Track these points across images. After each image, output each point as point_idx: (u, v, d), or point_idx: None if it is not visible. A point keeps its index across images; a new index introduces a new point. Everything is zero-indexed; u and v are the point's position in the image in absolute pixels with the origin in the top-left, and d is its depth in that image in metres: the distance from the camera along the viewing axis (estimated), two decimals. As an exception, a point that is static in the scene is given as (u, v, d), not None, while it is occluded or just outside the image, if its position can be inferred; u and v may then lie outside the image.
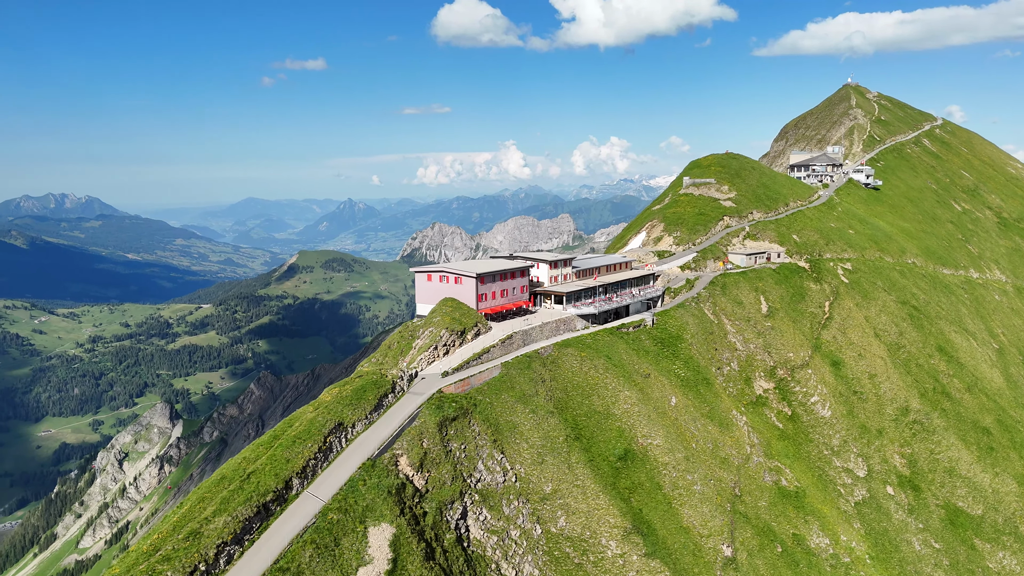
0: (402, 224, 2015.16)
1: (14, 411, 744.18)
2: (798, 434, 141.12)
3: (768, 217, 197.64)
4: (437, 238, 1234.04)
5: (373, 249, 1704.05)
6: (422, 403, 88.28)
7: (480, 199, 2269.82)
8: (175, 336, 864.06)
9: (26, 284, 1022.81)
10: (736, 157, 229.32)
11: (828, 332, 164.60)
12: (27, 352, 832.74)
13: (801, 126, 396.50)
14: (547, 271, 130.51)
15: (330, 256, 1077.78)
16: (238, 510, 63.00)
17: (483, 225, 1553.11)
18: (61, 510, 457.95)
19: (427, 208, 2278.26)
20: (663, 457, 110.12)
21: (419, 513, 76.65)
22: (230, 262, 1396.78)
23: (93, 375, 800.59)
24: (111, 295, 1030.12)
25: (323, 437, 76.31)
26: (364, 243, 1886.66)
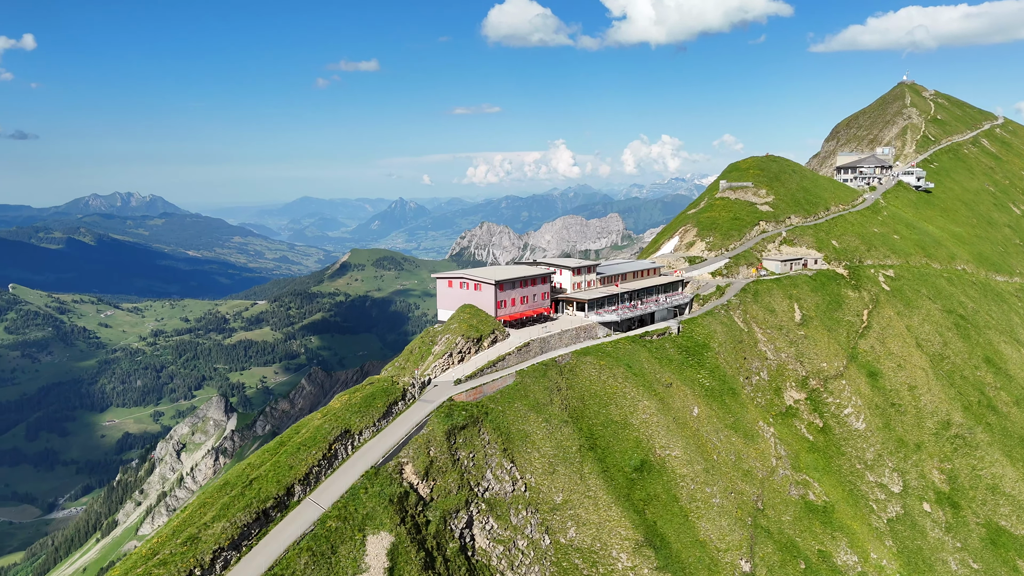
0: (451, 223, 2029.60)
1: (80, 401, 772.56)
2: (829, 447, 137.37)
3: (807, 222, 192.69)
4: (485, 237, 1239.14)
5: (423, 248, 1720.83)
6: (431, 411, 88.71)
7: (529, 198, 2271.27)
8: (232, 331, 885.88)
9: (94, 279, 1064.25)
10: (776, 160, 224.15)
11: (866, 342, 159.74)
12: (93, 345, 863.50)
13: (853, 125, 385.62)
14: (570, 277, 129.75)
15: (381, 254, 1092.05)
16: (237, 516, 64.33)
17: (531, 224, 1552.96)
18: (122, 498, 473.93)
19: (476, 207, 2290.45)
20: (681, 469, 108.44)
21: (421, 522, 77.08)
22: (285, 259, 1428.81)
23: (155, 368, 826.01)
24: (172, 291, 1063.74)
25: (328, 444, 77.33)
26: (414, 242, 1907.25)
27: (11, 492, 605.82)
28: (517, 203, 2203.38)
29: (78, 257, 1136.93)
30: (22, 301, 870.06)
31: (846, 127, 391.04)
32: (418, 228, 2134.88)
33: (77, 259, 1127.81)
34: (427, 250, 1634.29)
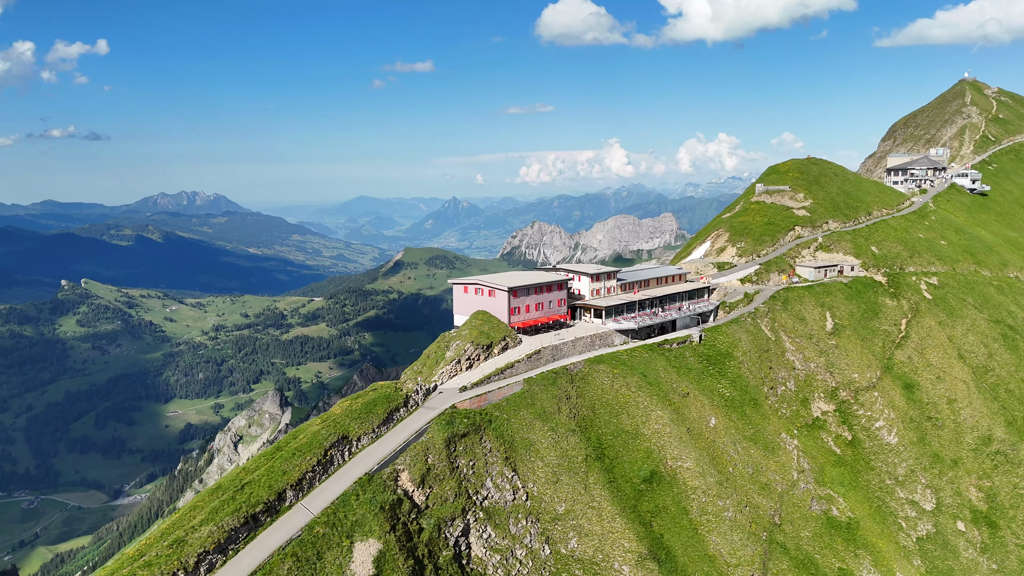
0: (504, 222, 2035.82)
1: (146, 392, 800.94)
2: (857, 461, 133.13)
3: (845, 227, 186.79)
4: (536, 236, 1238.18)
5: (475, 247, 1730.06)
6: (433, 418, 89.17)
7: (581, 197, 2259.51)
8: (289, 327, 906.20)
9: (160, 275, 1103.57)
10: (817, 162, 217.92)
11: (903, 352, 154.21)
12: (159, 338, 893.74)
13: (910, 125, 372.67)
14: (588, 284, 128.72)
15: (433, 253, 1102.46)
16: (225, 520, 65.86)
17: (583, 224, 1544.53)
18: (183, 486, 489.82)
19: (528, 207, 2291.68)
20: (693, 481, 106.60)
21: (414, 529, 77.62)
22: (341, 257, 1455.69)
23: (216, 361, 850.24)
24: (233, 287, 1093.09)
25: (323, 450, 78.51)
26: (467, 240, 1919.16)
27: (81, 478, 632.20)
28: (569, 202, 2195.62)
29: (146, 253, 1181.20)
30: (93, 295, 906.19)
31: (903, 126, 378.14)
32: (471, 227, 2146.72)
33: (145, 255, 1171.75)
34: (479, 249, 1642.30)
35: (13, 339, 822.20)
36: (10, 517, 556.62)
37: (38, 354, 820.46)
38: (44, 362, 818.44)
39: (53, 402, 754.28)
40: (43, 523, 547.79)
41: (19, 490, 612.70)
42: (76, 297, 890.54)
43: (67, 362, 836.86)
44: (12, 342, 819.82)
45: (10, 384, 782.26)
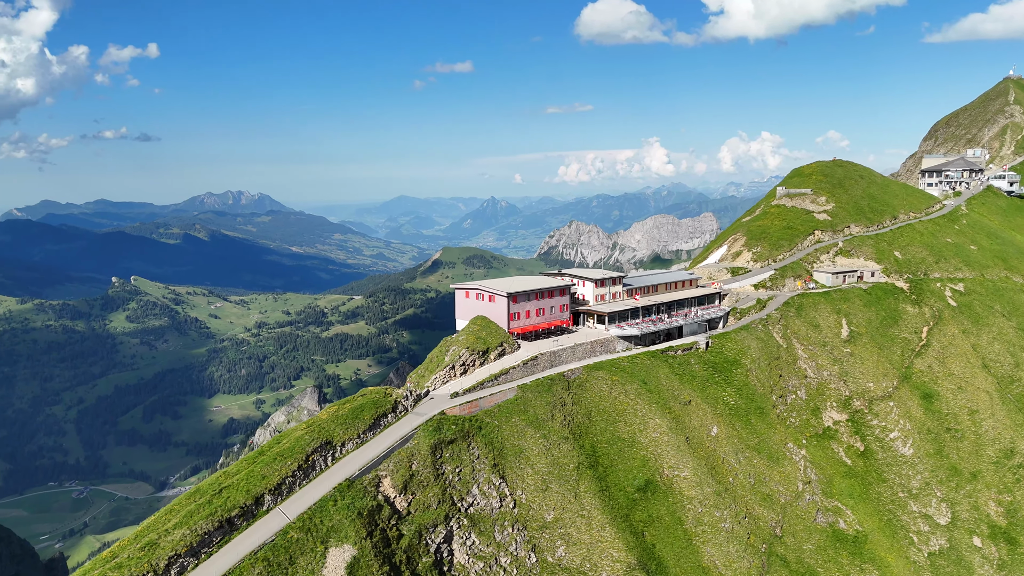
0: (542, 222, 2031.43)
1: (191, 387, 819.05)
2: (869, 473, 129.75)
3: (868, 232, 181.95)
4: (574, 236, 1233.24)
5: (513, 246, 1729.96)
6: (420, 424, 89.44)
7: (620, 197, 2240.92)
8: (329, 324, 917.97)
9: (206, 273, 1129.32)
10: (843, 165, 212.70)
11: (922, 361, 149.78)
12: (204, 334, 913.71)
13: (952, 124, 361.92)
14: (593, 289, 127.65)
15: (471, 253, 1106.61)
16: (198, 524, 66.97)
17: (622, 224, 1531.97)
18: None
19: (567, 206, 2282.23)
20: (689, 491, 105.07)
21: (393, 536, 77.95)
22: (381, 256, 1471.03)
23: (258, 358, 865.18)
24: (276, 284, 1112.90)
25: (305, 455, 79.30)
26: (505, 240, 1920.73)
27: (128, 469, 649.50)
28: (608, 202, 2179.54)
29: (193, 252, 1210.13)
30: (142, 292, 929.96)
31: (944, 125, 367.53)
32: (509, 227, 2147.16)
33: (192, 253, 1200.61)
34: (517, 248, 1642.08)
35: (66, 334, 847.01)
36: (61, 506, 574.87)
37: (89, 349, 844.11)
38: (95, 356, 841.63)
39: (103, 395, 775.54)
40: (92, 513, 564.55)
41: (70, 480, 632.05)
42: (126, 294, 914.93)
43: (116, 357, 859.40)
44: (65, 337, 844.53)
45: (62, 377, 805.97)
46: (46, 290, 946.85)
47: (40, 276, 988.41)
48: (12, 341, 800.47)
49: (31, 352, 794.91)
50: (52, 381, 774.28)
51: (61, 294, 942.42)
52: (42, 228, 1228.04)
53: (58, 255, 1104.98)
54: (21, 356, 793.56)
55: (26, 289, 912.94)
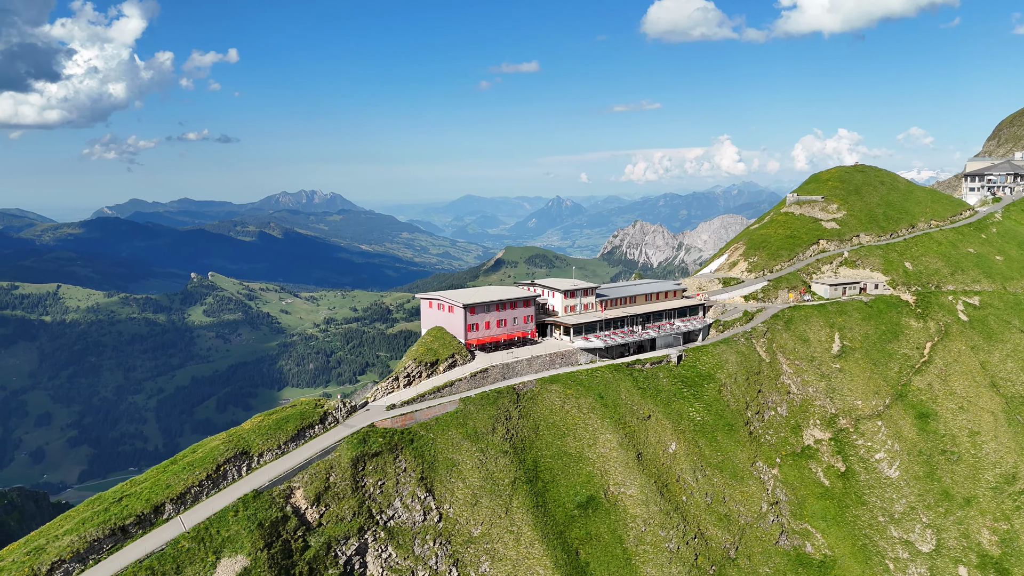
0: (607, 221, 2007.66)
1: (262, 379, 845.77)
2: (848, 495, 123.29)
3: (879, 241, 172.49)
4: (638, 236, 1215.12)
5: (578, 246, 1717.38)
6: (345, 436, 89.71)
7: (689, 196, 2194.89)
8: (394, 321, 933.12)
9: (279, 269, 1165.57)
10: (864, 170, 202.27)
11: (922, 378, 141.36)
12: (275, 329, 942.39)
13: (1016, 123, 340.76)
14: (561, 300, 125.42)
15: (533, 252, 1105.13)
16: (89, 531, 68.86)
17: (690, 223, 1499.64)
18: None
19: (633, 205, 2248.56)
20: (635, 509, 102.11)
21: (297, 547, 78.41)
22: (447, 255, 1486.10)
23: (325, 352, 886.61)
24: (345, 282, 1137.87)
25: (216, 465, 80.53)
26: (569, 239, 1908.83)
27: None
28: (676, 201, 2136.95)
29: (267, 249, 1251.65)
30: (219, 288, 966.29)
31: (1008, 124, 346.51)
32: (573, 226, 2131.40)
33: (266, 251, 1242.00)
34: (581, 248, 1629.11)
35: (148, 326, 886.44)
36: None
37: (169, 341, 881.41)
38: (174, 348, 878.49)
39: (181, 386, 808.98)
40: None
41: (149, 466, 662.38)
42: (203, 289, 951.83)
43: (194, 349, 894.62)
44: (147, 329, 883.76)
45: (144, 368, 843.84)
46: (131, 284, 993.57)
47: (126, 271, 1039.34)
48: (99, 333, 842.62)
49: (116, 343, 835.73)
50: (135, 371, 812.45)
51: (145, 288, 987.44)
52: (129, 225, 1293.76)
53: (144, 251, 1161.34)
54: (107, 347, 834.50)
55: (113, 283, 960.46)
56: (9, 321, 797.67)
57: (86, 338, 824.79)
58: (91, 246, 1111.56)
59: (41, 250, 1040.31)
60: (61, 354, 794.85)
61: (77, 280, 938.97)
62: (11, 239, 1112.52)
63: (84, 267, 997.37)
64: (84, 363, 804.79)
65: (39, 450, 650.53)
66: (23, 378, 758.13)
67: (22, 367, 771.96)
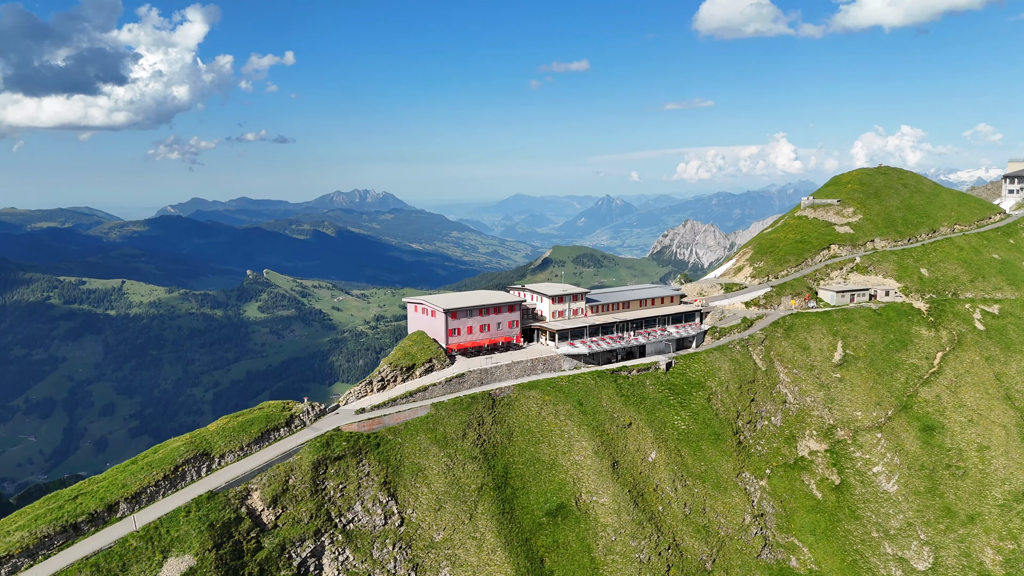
0: (658, 220, 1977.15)
1: (313, 375, 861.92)
2: (841, 509, 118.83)
3: (895, 246, 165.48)
4: (688, 236, 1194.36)
5: (627, 245, 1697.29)
6: (308, 439, 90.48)
7: (743, 195, 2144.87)
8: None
9: (332, 267, 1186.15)
10: (886, 172, 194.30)
11: (930, 390, 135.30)
12: (326, 326, 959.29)
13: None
14: (549, 305, 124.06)
15: (581, 251, 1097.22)
16: (40, 527, 70.98)
17: (743, 223, 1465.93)
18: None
19: (685, 204, 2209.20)
20: (606, 518, 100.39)
21: (249, 548, 79.39)
22: (496, 254, 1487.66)
23: (375, 349, 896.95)
24: (395, 280, 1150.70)
25: (174, 466, 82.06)
26: (619, 239, 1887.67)
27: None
28: (729, 200, 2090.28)
29: (320, 247, 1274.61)
30: (273, 284, 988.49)
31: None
32: (623, 225, 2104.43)
33: (320, 249, 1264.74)
34: (631, 248, 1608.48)
35: (206, 321, 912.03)
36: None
37: (225, 336, 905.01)
38: (230, 343, 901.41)
39: (236, 379, 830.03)
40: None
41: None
42: (259, 286, 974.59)
43: (248, 344, 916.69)
44: (205, 324, 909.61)
45: (202, 362, 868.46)
46: (191, 280, 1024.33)
47: (186, 268, 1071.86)
48: (160, 327, 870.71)
49: (176, 337, 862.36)
50: (193, 364, 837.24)
51: (204, 284, 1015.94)
52: (190, 224, 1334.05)
53: (203, 248, 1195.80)
54: (167, 341, 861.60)
55: (174, 279, 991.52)
56: (77, 315, 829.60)
57: (148, 332, 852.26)
58: (154, 243, 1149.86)
59: (108, 247, 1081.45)
60: (124, 347, 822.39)
61: (141, 276, 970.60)
62: (80, 236, 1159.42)
63: (147, 263, 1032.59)
64: (146, 356, 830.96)
65: (102, 439, 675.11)
66: (89, 369, 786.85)
67: (88, 359, 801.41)
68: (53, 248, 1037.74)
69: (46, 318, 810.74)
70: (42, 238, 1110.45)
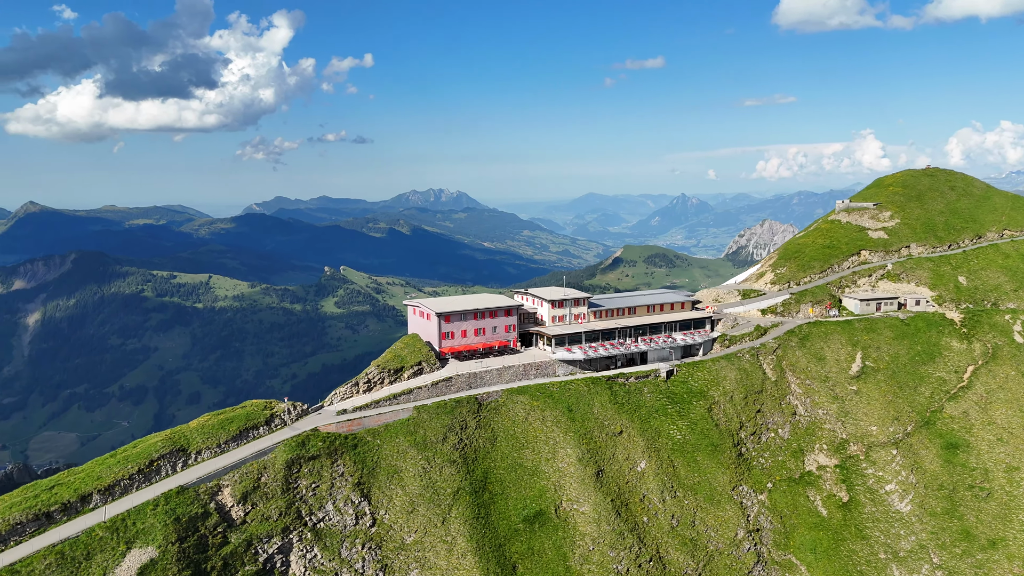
0: (735, 220, 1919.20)
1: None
2: (847, 527, 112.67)
3: (933, 252, 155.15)
4: (766, 236, 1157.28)
5: (702, 245, 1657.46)
6: (285, 439, 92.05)
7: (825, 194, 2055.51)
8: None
9: (406, 265, 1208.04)
10: (934, 174, 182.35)
11: (956, 405, 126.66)
12: (399, 322, 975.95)
13: None
14: (549, 310, 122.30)
15: (653, 251, 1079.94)
16: (13, 514, 74.74)
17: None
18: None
19: (764, 203, 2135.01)
20: (585, 527, 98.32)
21: (215, 542, 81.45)
22: (567, 253, 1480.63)
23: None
24: (467, 278, 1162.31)
25: (149, 460, 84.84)
26: (694, 239, 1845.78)
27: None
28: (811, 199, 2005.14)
29: (395, 245, 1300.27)
30: (349, 281, 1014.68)
31: None
32: (699, 225, 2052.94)
33: (395, 246, 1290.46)
34: (706, 248, 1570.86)
35: (285, 316, 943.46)
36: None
37: (303, 330, 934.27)
38: (307, 337, 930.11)
39: (312, 372, 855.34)
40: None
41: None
42: (335, 282, 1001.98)
43: (325, 338, 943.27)
44: (284, 318, 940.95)
45: (281, 355, 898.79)
46: (272, 276, 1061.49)
47: (268, 264, 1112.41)
48: (243, 320, 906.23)
49: (257, 331, 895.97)
50: (272, 357, 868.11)
51: (284, 280, 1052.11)
52: (273, 221, 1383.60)
53: (285, 245, 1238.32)
54: (249, 334, 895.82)
55: (257, 275, 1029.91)
56: (168, 307, 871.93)
57: (232, 325, 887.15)
58: (240, 240, 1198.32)
59: (197, 243, 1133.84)
60: (210, 339, 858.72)
61: (226, 271, 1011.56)
62: (173, 232, 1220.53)
63: (233, 259, 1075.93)
64: (229, 348, 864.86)
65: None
66: (177, 359, 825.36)
67: (177, 349, 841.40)
68: (148, 243, 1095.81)
69: (140, 310, 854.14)
70: (139, 234, 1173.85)
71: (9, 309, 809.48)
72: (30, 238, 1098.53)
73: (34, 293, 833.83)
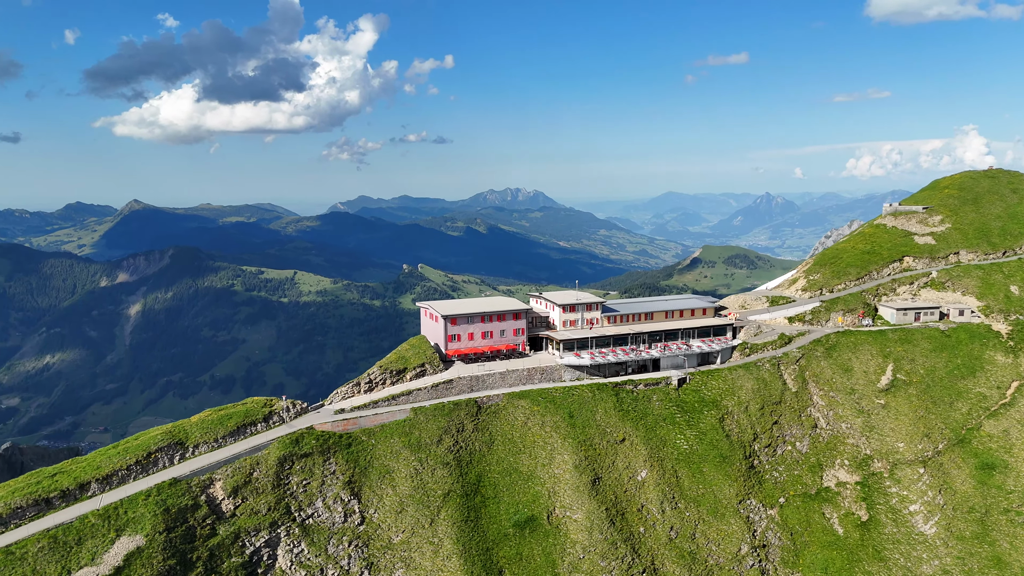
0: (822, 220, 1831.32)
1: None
2: (864, 547, 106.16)
3: (984, 259, 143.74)
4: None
5: (787, 246, 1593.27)
6: (279, 436, 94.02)
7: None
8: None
9: (481, 263, 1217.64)
10: (995, 176, 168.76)
11: (996, 423, 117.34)
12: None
13: None
14: (559, 315, 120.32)
15: (733, 252, 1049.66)
16: (15, 499, 79.22)
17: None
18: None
19: (854, 203, 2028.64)
20: (577, 534, 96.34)
21: (203, 533, 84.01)
22: (644, 252, 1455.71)
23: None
24: (542, 277, 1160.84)
25: (147, 453, 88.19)
26: (778, 239, 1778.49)
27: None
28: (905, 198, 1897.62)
29: (472, 243, 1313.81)
30: (426, 278, 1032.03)
31: None
32: (783, 225, 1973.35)
33: (471, 245, 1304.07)
34: (791, 249, 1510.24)
35: (365, 311, 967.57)
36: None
37: (382, 325, 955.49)
38: (385, 332, 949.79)
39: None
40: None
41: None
42: (413, 279, 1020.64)
43: (402, 334, 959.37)
44: (364, 313, 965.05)
45: (360, 349, 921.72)
46: (354, 273, 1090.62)
47: (351, 260, 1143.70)
48: (325, 315, 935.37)
49: (339, 325, 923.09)
50: (352, 351, 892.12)
51: (364, 277, 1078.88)
52: (356, 220, 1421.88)
53: (366, 243, 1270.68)
54: (331, 328, 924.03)
55: (339, 271, 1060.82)
56: (255, 301, 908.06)
57: (315, 319, 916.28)
58: (324, 237, 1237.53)
59: (284, 240, 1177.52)
60: (294, 332, 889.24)
61: (311, 268, 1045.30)
62: (262, 230, 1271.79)
63: (317, 256, 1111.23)
64: (312, 341, 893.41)
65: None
66: (263, 352, 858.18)
67: (263, 342, 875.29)
68: (239, 240, 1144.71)
69: (230, 303, 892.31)
70: (231, 231, 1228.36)
71: (114, 300, 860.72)
72: (134, 234, 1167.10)
73: (136, 286, 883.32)
